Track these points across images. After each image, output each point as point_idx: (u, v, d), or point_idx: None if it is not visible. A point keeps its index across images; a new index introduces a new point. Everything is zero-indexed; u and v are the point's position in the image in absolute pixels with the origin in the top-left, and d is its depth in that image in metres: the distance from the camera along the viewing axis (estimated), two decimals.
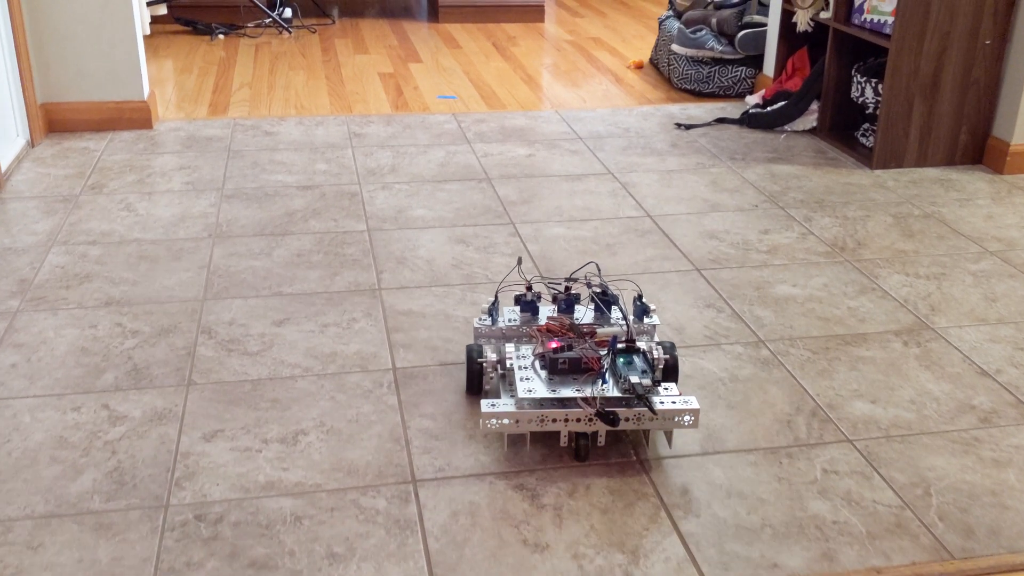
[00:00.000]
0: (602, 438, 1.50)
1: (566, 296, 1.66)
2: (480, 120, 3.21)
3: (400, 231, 2.32)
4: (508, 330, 1.67)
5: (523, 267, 2.14)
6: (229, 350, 1.79)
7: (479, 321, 1.68)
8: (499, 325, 1.67)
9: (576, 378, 1.49)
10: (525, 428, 1.45)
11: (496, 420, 1.45)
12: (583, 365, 1.48)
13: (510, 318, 1.69)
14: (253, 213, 2.41)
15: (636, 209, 2.49)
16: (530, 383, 1.48)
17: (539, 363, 1.52)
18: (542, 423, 1.45)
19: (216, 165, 2.74)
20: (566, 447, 1.52)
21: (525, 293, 1.68)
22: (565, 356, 1.49)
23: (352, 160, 2.81)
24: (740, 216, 2.45)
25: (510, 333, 1.67)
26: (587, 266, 2.13)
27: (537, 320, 1.67)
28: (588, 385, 1.47)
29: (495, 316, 1.68)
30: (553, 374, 1.49)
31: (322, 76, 3.74)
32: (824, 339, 1.86)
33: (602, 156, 2.88)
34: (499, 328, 1.67)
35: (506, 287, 2.00)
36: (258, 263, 2.14)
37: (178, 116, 3.20)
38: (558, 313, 1.66)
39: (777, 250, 2.25)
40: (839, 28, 2.92)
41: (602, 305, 1.66)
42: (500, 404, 1.46)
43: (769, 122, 3.12)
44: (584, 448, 1.49)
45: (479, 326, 1.67)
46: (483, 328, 1.67)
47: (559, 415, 1.45)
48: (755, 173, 2.76)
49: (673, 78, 3.63)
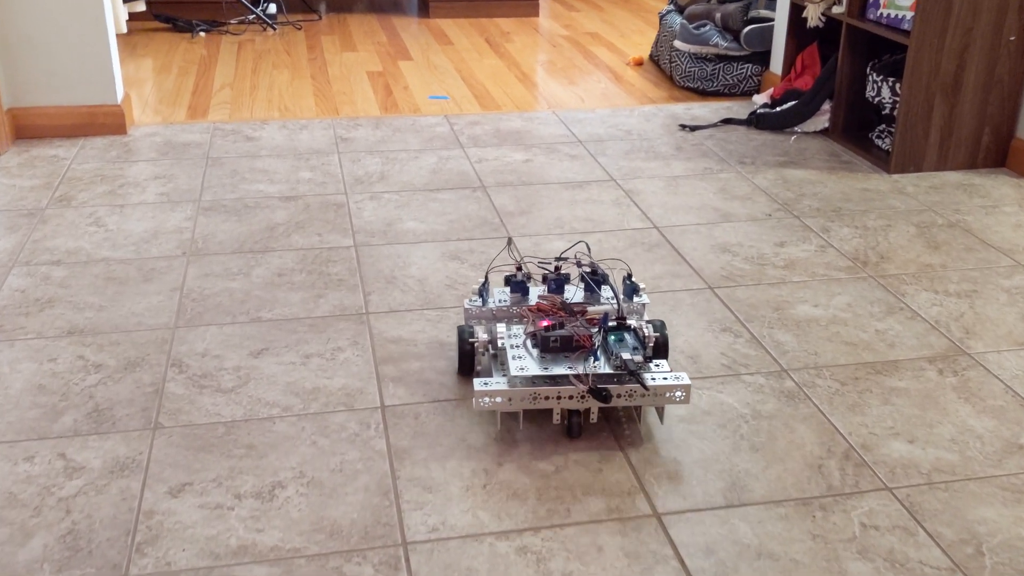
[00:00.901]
0: (594, 415, 1.51)
1: (556, 276, 1.66)
2: (474, 122, 3.05)
3: (389, 246, 2.16)
4: (499, 311, 1.67)
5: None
6: (201, 386, 1.63)
7: (469, 302, 1.67)
8: (489, 306, 1.66)
9: (568, 356, 1.49)
10: (518, 406, 1.46)
11: (489, 398, 1.45)
12: (575, 343, 1.48)
13: (500, 299, 1.68)
14: (232, 227, 2.25)
15: (642, 220, 2.33)
16: (522, 361, 1.48)
17: (531, 342, 1.52)
18: (535, 400, 1.45)
19: (193, 174, 2.57)
20: (559, 424, 1.52)
21: (515, 273, 1.67)
22: (557, 334, 1.49)
23: (338, 167, 2.64)
24: (753, 227, 2.29)
25: (500, 314, 1.67)
26: (577, 245, 2.11)
27: (527, 300, 1.67)
28: (580, 362, 1.47)
29: (485, 297, 1.67)
30: (545, 352, 1.49)
31: (307, 75, 3.57)
32: (852, 367, 1.71)
33: (604, 161, 2.72)
34: (489, 309, 1.66)
35: (496, 268, 1.97)
36: (236, 284, 1.98)
37: (155, 120, 3.03)
38: (548, 293, 1.65)
39: (795, 265, 2.10)
40: (853, 23, 2.76)
41: (592, 284, 1.66)
42: (493, 383, 1.46)
43: (779, 123, 2.96)
44: (576, 425, 1.50)
45: (469, 307, 1.66)
46: (474, 309, 1.67)
47: (551, 392, 1.45)
48: (766, 178, 2.60)
49: (675, 76, 3.47)
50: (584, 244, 2.00)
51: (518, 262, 1.70)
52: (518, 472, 1.43)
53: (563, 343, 1.49)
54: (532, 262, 2.02)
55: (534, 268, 1.97)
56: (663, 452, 1.47)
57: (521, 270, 1.68)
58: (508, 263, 1.81)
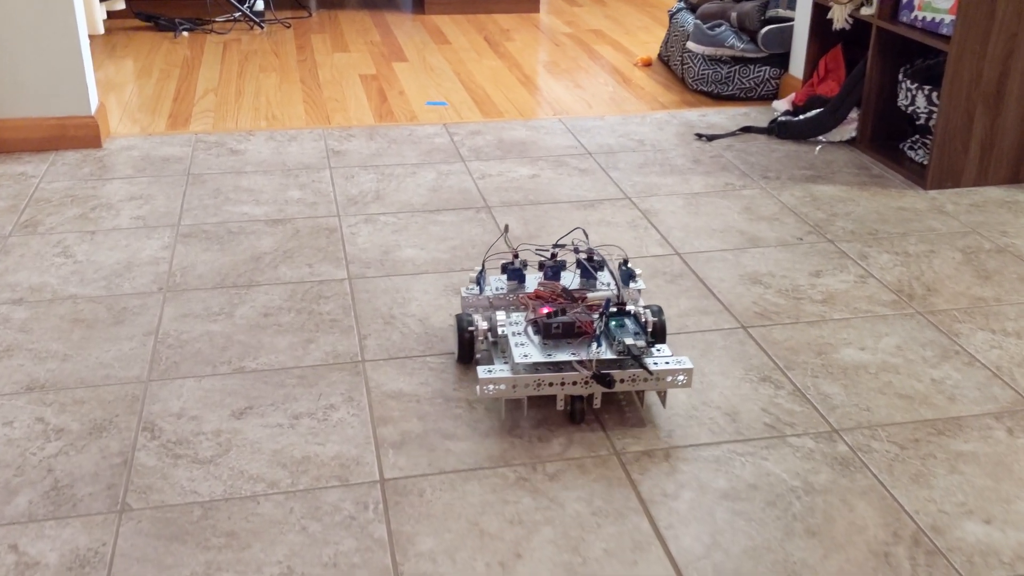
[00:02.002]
0: (597, 400, 1.52)
1: (553, 263, 1.66)
2: (475, 132, 2.85)
3: (387, 279, 1.97)
4: (496, 299, 1.67)
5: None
6: (176, 456, 1.43)
7: (466, 291, 1.67)
8: (486, 294, 1.67)
9: (570, 342, 1.50)
10: (522, 393, 1.46)
11: (493, 386, 1.45)
12: (576, 329, 1.49)
13: (497, 287, 1.69)
14: (213, 257, 2.05)
15: (662, 245, 2.13)
16: (525, 348, 1.48)
17: (532, 328, 1.52)
18: (539, 387, 1.46)
19: (172, 194, 2.37)
20: (563, 411, 1.53)
21: (512, 261, 1.68)
22: (559, 320, 1.49)
23: (330, 185, 2.44)
24: (784, 253, 2.10)
25: (498, 302, 1.67)
26: (574, 232, 2.12)
27: (524, 288, 1.68)
28: (582, 348, 1.48)
29: (482, 285, 1.68)
30: (547, 339, 1.50)
31: (296, 79, 3.36)
32: (911, 426, 1.52)
33: (616, 176, 2.52)
34: (487, 297, 1.67)
35: (493, 255, 1.99)
36: (216, 327, 1.78)
37: (132, 131, 2.82)
38: (545, 280, 1.66)
39: (834, 299, 1.90)
40: (884, 26, 2.56)
41: (589, 270, 1.66)
42: (496, 370, 1.47)
43: (802, 132, 2.77)
44: (580, 411, 1.51)
45: (467, 295, 1.67)
46: (471, 298, 1.67)
47: (555, 379, 1.46)
48: (793, 195, 2.40)
49: (687, 78, 3.27)
50: (581, 231, 1.96)
51: (514, 250, 1.69)
52: (541, 565, 1.23)
53: (565, 329, 1.49)
54: (529, 249, 2.00)
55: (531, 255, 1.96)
56: (706, 537, 1.28)
57: (517, 257, 1.68)
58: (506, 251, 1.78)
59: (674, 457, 1.44)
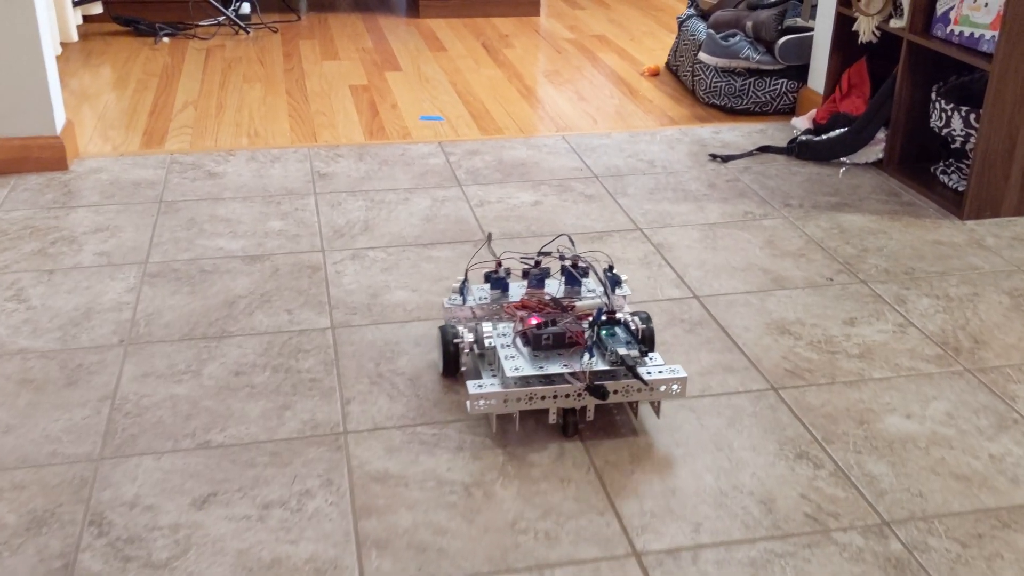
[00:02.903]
0: (590, 412, 1.48)
1: (538, 272, 1.62)
2: (472, 151, 2.65)
3: (375, 328, 1.77)
4: (479, 308, 1.63)
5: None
6: (126, 559, 1.23)
7: (449, 301, 1.63)
8: (469, 304, 1.62)
9: (561, 353, 1.46)
10: (514, 407, 1.42)
11: (484, 401, 1.41)
12: (567, 339, 1.45)
13: (480, 296, 1.64)
14: (182, 302, 1.85)
15: (678, 285, 1.94)
16: (515, 361, 1.44)
17: (521, 340, 1.48)
18: (531, 401, 1.42)
19: (142, 224, 2.17)
20: (555, 424, 1.49)
21: (495, 270, 1.63)
22: (549, 332, 1.45)
23: (315, 213, 2.24)
24: (813, 296, 1.90)
25: (482, 312, 1.62)
26: (559, 239, 2.08)
27: (508, 297, 1.63)
28: (574, 360, 1.44)
29: (465, 295, 1.63)
30: (537, 350, 1.46)
31: (282, 91, 3.15)
32: (972, 517, 1.33)
33: (625, 203, 2.33)
34: (470, 307, 1.63)
35: (476, 265, 1.92)
36: (181, 389, 1.58)
37: (103, 150, 2.61)
38: (529, 288, 1.63)
39: (872, 353, 1.71)
40: (916, 41, 2.36)
41: (576, 275, 1.62)
42: (487, 385, 1.42)
43: (825, 153, 2.57)
44: (573, 424, 1.47)
45: (449, 306, 1.62)
46: (454, 308, 1.63)
47: (547, 392, 1.42)
48: (819, 227, 2.21)
49: (698, 91, 3.07)
50: (567, 237, 1.88)
51: (498, 258, 1.65)
52: None
53: (555, 340, 1.45)
54: (513, 258, 1.91)
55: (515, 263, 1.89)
56: None
57: (501, 266, 1.63)
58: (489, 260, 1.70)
59: (703, 559, 1.25)
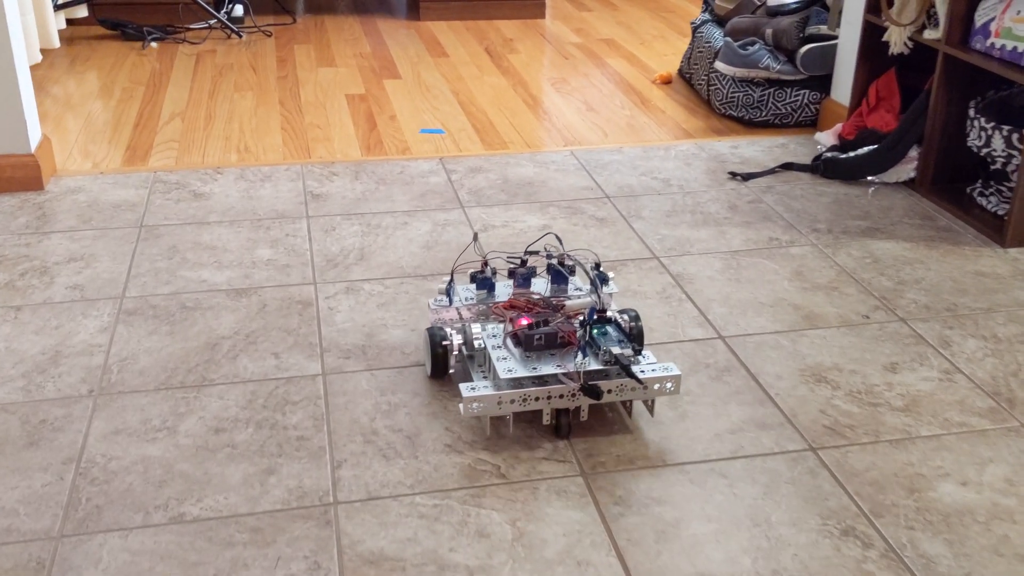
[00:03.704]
0: (584, 413, 1.47)
1: (524, 271, 1.61)
2: (475, 168, 2.49)
3: (370, 375, 1.61)
4: (466, 309, 1.60)
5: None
6: None
7: (435, 303, 1.60)
8: (456, 305, 1.60)
9: (553, 353, 1.45)
10: (507, 409, 1.41)
11: (478, 404, 1.39)
12: (559, 339, 1.44)
13: (466, 296, 1.62)
14: (160, 343, 1.69)
15: (700, 324, 1.78)
16: (507, 362, 1.43)
17: (512, 341, 1.47)
18: (524, 402, 1.41)
19: (120, 253, 2.01)
20: (548, 425, 1.46)
21: (481, 269, 1.61)
22: (541, 332, 1.44)
23: (307, 240, 2.08)
24: (849, 337, 1.74)
25: (469, 313, 1.60)
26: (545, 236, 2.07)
27: (494, 296, 1.61)
28: (567, 360, 1.43)
29: (451, 296, 1.61)
30: (529, 351, 1.45)
31: (275, 100, 2.99)
32: None
33: (640, 227, 2.17)
34: (456, 308, 1.60)
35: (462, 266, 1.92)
36: (155, 450, 1.42)
37: (83, 167, 2.45)
38: (516, 288, 1.62)
39: (918, 405, 1.55)
40: (952, 53, 2.20)
41: (564, 272, 1.61)
42: (480, 387, 1.41)
43: (853, 172, 2.41)
44: (567, 425, 1.45)
45: (436, 307, 1.60)
46: (440, 309, 1.60)
47: (541, 393, 1.41)
48: (850, 255, 2.05)
49: (714, 101, 2.91)
50: (554, 235, 1.85)
51: (484, 258, 1.63)
52: None
53: (548, 340, 1.44)
54: (500, 257, 1.91)
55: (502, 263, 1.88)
56: None
57: (487, 265, 1.61)
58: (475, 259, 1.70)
59: None
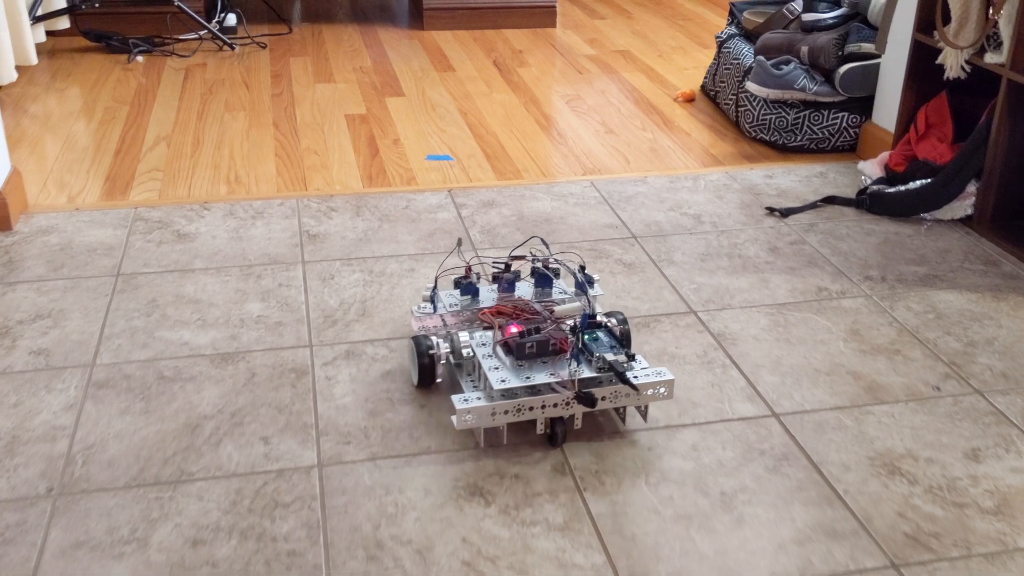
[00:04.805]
0: (578, 421, 1.45)
1: (511, 276, 1.60)
2: (487, 202, 2.27)
3: (374, 465, 1.39)
4: (451, 315, 1.58)
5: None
6: None
7: (419, 310, 1.58)
8: (440, 311, 1.58)
9: (545, 361, 1.42)
10: (501, 420, 1.38)
11: (472, 415, 1.36)
12: (551, 347, 1.42)
13: (451, 303, 1.60)
14: (133, 426, 1.47)
15: (749, 397, 1.56)
16: (501, 372, 1.40)
17: (502, 349, 1.44)
18: (519, 412, 1.38)
19: (93, 308, 1.79)
20: (542, 434, 1.44)
21: (466, 275, 1.61)
22: (533, 339, 1.41)
23: (302, 291, 1.87)
24: (920, 415, 1.53)
25: (454, 319, 1.59)
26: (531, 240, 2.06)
27: (478, 302, 1.60)
28: (559, 367, 1.41)
29: (435, 303, 1.59)
30: (521, 359, 1.42)
31: (269, 122, 2.77)
32: None
33: (673, 274, 1.95)
34: (440, 315, 1.59)
35: (445, 272, 1.89)
36: (121, 569, 1.21)
37: (57, 202, 2.24)
38: (500, 292, 1.60)
39: (1010, 505, 1.34)
40: (1017, 80, 1.98)
41: (549, 275, 1.61)
42: (473, 398, 1.38)
43: (904, 208, 2.19)
44: (562, 433, 1.42)
45: (419, 314, 1.58)
46: (424, 317, 1.58)
47: (536, 402, 1.38)
48: (909, 308, 1.83)
49: (744, 123, 2.69)
50: (539, 239, 1.82)
51: (467, 263, 1.60)
52: None
53: (539, 348, 1.42)
54: (486, 262, 1.92)
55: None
56: None
57: (472, 271, 1.61)
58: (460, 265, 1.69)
59: None
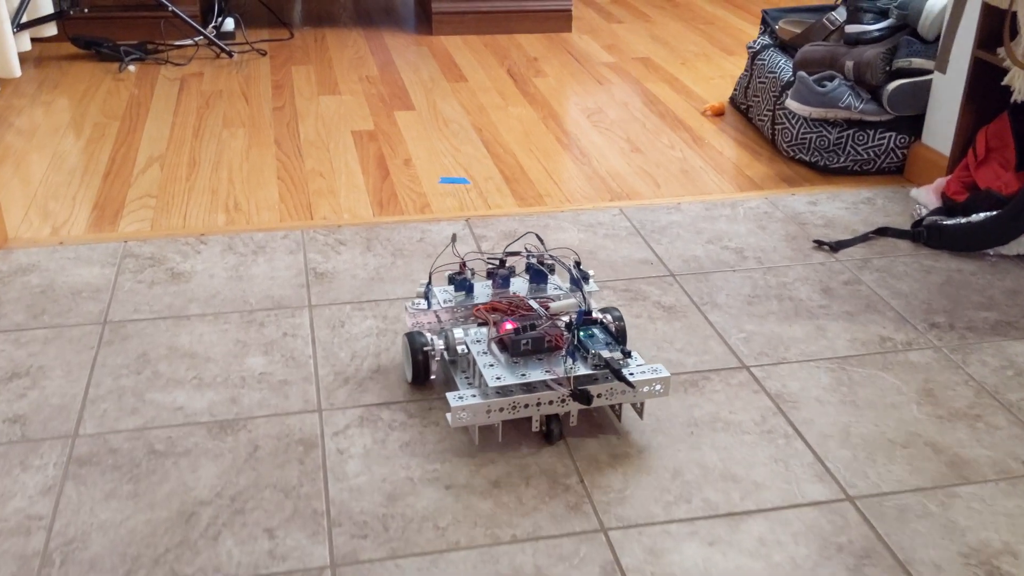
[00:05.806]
0: (574, 418, 1.42)
1: (506, 272, 1.57)
2: (509, 233, 2.08)
3: (395, 566, 1.21)
4: (445, 312, 1.54)
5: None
6: None
7: (412, 306, 1.55)
8: (434, 308, 1.54)
9: (540, 358, 1.40)
10: (496, 418, 1.36)
11: (467, 413, 1.34)
12: (547, 343, 1.40)
13: (444, 299, 1.56)
14: (120, 515, 1.29)
15: (819, 476, 1.38)
16: (495, 369, 1.38)
17: (497, 346, 1.42)
18: (514, 410, 1.36)
19: (76, 364, 1.60)
20: (537, 432, 1.42)
21: (460, 271, 1.57)
22: (528, 336, 1.39)
23: (309, 341, 1.68)
24: (1014, 498, 1.35)
25: (448, 315, 1.54)
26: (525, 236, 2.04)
27: (472, 298, 1.56)
28: (555, 364, 1.39)
29: (429, 300, 1.56)
30: (516, 356, 1.40)
31: (270, 139, 2.58)
32: None
33: (719, 321, 1.76)
34: (434, 311, 1.54)
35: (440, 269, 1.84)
36: None
37: (40, 233, 2.05)
38: (495, 288, 1.57)
39: None
40: None
41: (544, 271, 1.58)
42: (467, 396, 1.36)
43: (968, 242, 2.00)
44: (557, 431, 1.41)
45: (413, 311, 1.54)
46: (418, 313, 1.54)
47: (531, 400, 1.36)
48: (984, 363, 1.65)
49: (781, 142, 2.50)
50: (535, 235, 1.76)
51: (462, 259, 1.60)
52: None
53: (535, 345, 1.40)
54: (481, 258, 1.89)
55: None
56: None
57: (466, 266, 1.58)
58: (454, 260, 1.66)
59: None
